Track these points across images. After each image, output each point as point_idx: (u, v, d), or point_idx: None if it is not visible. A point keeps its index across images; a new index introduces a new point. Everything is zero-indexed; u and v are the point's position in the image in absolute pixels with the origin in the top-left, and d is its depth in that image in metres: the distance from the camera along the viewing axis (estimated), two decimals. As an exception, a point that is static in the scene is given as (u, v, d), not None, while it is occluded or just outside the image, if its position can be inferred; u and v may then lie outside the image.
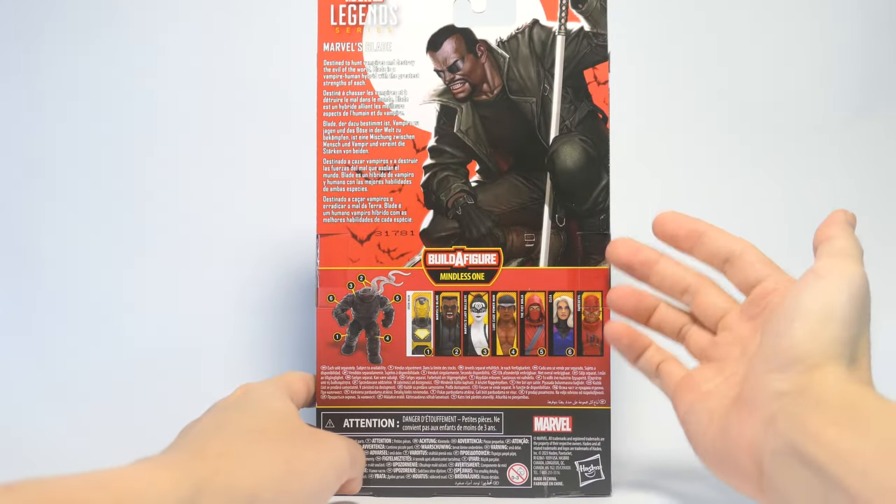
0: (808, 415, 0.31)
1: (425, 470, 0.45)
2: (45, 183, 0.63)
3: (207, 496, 0.30)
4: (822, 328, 0.33)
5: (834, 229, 0.36)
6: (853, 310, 0.33)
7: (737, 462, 0.34)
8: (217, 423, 0.37)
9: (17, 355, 0.61)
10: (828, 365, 0.32)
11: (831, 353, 0.33)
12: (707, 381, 0.39)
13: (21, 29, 0.63)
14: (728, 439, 0.35)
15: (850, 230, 0.37)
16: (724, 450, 0.35)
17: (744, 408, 0.35)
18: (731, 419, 0.35)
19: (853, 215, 0.38)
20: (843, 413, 0.31)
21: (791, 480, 0.31)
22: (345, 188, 0.45)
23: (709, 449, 0.37)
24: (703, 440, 0.37)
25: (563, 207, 0.45)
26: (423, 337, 0.45)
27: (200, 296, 0.62)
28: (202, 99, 0.63)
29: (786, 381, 0.33)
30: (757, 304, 0.38)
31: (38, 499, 0.26)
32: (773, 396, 0.33)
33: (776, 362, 0.33)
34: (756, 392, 0.34)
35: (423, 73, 0.45)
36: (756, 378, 0.34)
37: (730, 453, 0.35)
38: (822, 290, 0.34)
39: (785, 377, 0.33)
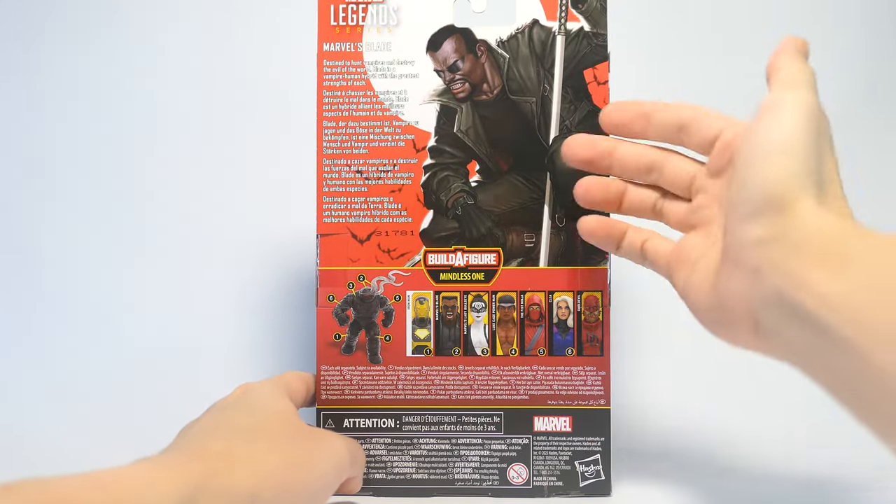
0: (791, 260, 0.30)
1: (425, 470, 0.45)
2: (45, 183, 0.63)
3: (207, 496, 0.30)
4: (781, 163, 0.31)
5: (782, 59, 0.35)
6: (809, 137, 0.32)
7: (733, 319, 0.34)
8: (216, 422, 0.37)
9: (17, 355, 0.61)
10: (798, 200, 0.31)
11: (798, 186, 0.31)
12: (697, 247, 0.38)
13: (21, 29, 0.63)
14: (721, 298, 0.34)
15: (801, 57, 0.35)
16: (719, 310, 0.34)
17: (729, 263, 0.34)
18: (720, 278, 0.34)
19: (804, 41, 0.36)
20: (825, 253, 0.29)
21: (785, 330, 0.30)
22: (345, 188, 0.45)
23: (706, 312, 0.36)
24: (701, 306, 0.36)
25: (563, 207, 0.45)
26: (423, 337, 0.45)
27: (200, 296, 0.62)
28: (202, 99, 0.63)
29: (760, 226, 0.31)
30: (721, 157, 0.37)
31: (37, 499, 0.26)
32: (752, 245, 0.32)
33: (746, 209, 0.32)
34: (735, 245, 0.33)
35: (423, 73, 0.45)
36: (732, 230, 0.33)
37: (725, 312, 0.34)
38: (773, 124, 0.32)
39: (759, 223, 0.31)
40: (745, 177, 0.32)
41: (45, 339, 0.61)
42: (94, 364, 0.60)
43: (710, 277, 0.35)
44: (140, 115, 0.63)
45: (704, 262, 0.36)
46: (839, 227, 0.30)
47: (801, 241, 0.30)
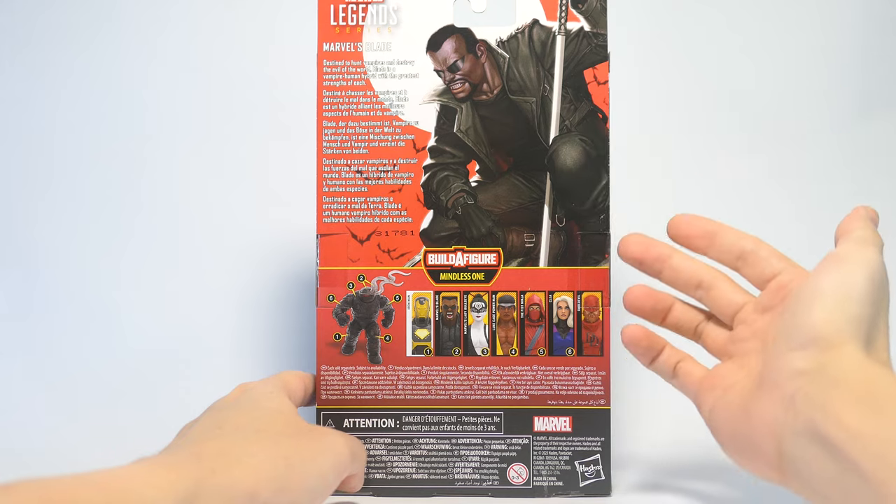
0: (827, 395, 0.31)
1: (425, 470, 0.45)
2: (44, 184, 0.63)
3: (206, 496, 0.30)
4: (841, 308, 0.33)
5: (855, 223, 0.37)
6: (871, 291, 0.33)
7: (758, 447, 0.35)
8: (215, 422, 0.37)
9: (17, 356, 0.61)
10: (846, 344, 0.32)
11: (849, 332, 0.33)
12: (729, 377, 0.39)
13: (21, 29, 0.63)
14: (749, 424, 0.35)
15: (872, 225, 0.37)
16: (745, 436, 0.36)
17: (764, 389, 0.35)
18: (752, 404, 0.35)
19: (875, 211, 0.38)
20: (862, 394, 0.31)
21: (809, 461, 0.32)
22: (345, 188, 0.45)
23: (731, 437, 0.37)
24: (726, 430, 0.37)
25: (563, 207, 0.45)
26: (423, 337, 0.45)
27: (200, 296, 0.62)
28: (202, 99, 0.63)
29: (804, 359, 0.33)
30: (774, 296, 0.38)
31: (36, 499, 0.26)
32: (792, 375, 0.33)
33: (795, 342, 0.34)
34: (775, 372, 0.34)
35: (423, 73, 0.45)
36: (775, 358, 0.35)
37: (751, 439, 0.35)
38: (840, 272, 0.34)
39: (803, 355, 0.33)
40: (799, 312, 0.34)
41: (44, 340, 0.61)
42: (93, 364, 0.60)
43: (739, 404, 0.36)
44: (140, 115, 0.63)
45: (735, 391, 0.37)
46: (877, 373, 0.32)
47: (840, 379, 0.32)
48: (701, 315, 0.42)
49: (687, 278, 0.41)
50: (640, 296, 0.42)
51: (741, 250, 0.40)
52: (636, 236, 0.42)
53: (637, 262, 0.42)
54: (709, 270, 0.41)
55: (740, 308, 0.40)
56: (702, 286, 0.41)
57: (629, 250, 0.42)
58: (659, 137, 0.63)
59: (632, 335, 0.42)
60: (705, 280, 0.41)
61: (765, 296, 0.39)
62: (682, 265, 0.41)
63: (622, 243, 0.42)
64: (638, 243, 0.42)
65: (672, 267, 0.41)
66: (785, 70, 0.64)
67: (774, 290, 0.38)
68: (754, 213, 0.63)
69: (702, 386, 0.40)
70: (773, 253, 0.39)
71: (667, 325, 0.43)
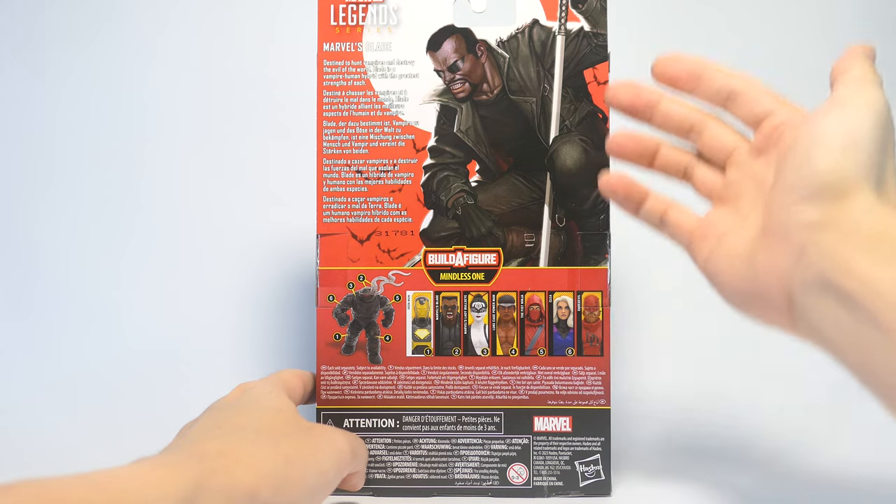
0: (839, 244, 0.30)
1: (425, 470, 0.45)
2: (44, 184, 0.63)
3: (206, 495, 0.30)
4: (848, 155, 0.32)
5: (851, 61, 0.35)
6: (878, 134, 0.32)
7: (766, 297, 0.34)
8: (215, 422, 0.37)
9: (17, 356, 0.61)
10: (856, 192, 0.31)
11: (858, 178, 0.31)
12: (722, 223, 0.37)
13: (21, 29, 0.63)
14: (756, 275, 0.34)
15: (869, 62, 0.36)
16: (752, 287, 0.34)
17: (772, 240, 0.34)
18: (758, 254, 0.34)
19: (872, 48, 0.37)
20: (875, 242, 0.30)
21: (822, 312, 0.31)
22: (345, 188, 0.45)
23: (736, 289, 0.36)
24: (730, 281, 0.36)
25: (563, 207, 0.45)
26: (423, 337, 0.45)
27: (201, 296, 0.62)
28: (202, 99, 0.63)
29: (814, 210, 0.32)
30: (767, 138, 0.37)
31: (36, 499, 0.26)
32: (801, 227, 0.32)
33: (802, 192, 0.32)
34: (783, 224, 0.33)
35: (423, 73, 0.45)
36: (782, 210, 0.33)
37: (759, 289, 0.34)
38: (844, 117, 0.33)
39: (813, 207, 0.32)
40: (805, 160, 0.33)
41: (44, 340, 0.61)
42: (93, 364, 0.60)
43: (740, 254, 0.35)
44: (140, 116, 0.63)
45: (732, 240, 0.36)
46: (890, 219, 0.31)
47: (853, 228, 0.31)
48: (690, 156, 0.40)
49: (678, 122, 0.40)
50: (623, 139, 0.40)
51: (730, 90, 0.38)
52: (625, 83, 0.40)
53: (626, 109, 0.40)
54: (700, 113, 0.40)
55: (733, 150, 0.39)
56: (693, 129, 0.40)
57: (618, 96, 0.40)
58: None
59: (608, 182, 0.40)
60: (697, 123, 0.40)
61: (758, 137, 0.37)
62: (671, 109, 0.40)
63: (610, 90, 0.40)
64: (627, 89, 0.40)
65: (662, 112, 0.40)
66: (785, 70, 0.64)
67: (768, 131, 0.37)
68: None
69: (694, 235, 0.39)
70: (763, 91, 0.38)
71: (655, 168, 0.41)
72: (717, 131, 0.39)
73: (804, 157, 0.33)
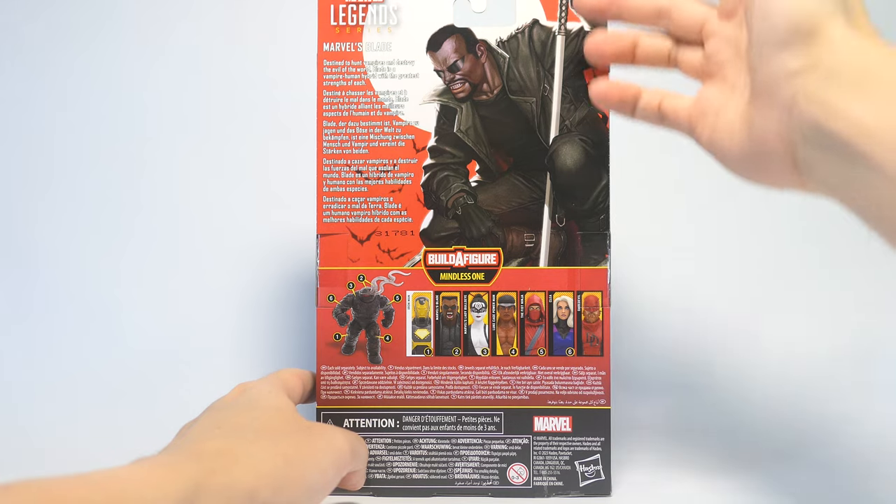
0: (827, 88, 0.30)
1: (425, 470, 0.45)
2: (44, 184, 0.63)
3: (206, 495, 0.30)
4: None
5: None
6: None
7: (770, 160, 0.33)
8: (215, 422, 0.37)
9: (17, 356, 0.61)
10: (828, 25, 0.31)
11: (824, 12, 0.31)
12: (716, 98, 0.37)
13: (21, 29, 0.63)
14: (756, 140, 0.34)
15: None
16: (755, 153, 0.34)
17: (762, 100, 0.33)
18: (753, 118, 0.34)
19: None
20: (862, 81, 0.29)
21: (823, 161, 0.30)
22: (345, 188, 0.45)
23: (741, 159, 0.35)
24: (733, 153, 0.36)
25: (563, 207, 0.45)
26: (423, 337, 0.45)
27: (201, 296, 0.62)
28: (202, 99, 0.63)
29: (792, 57, 0.31)
30: None
31: (37, 499, 0.26)
32: (786, 76, 0.31)
33: (775, 42, 0.32)
34: (767, 80, 0.32)
35: (423, 73, 0.45)
36: (762, 65, 0.33)
37: (761, 153, 0.34)
38: None
39: (790, 54, 0.31)
40: (768, 9, 0.32)
41: (44, 340, 0.61)
42: (93, 364, 0.60)
43: (738, 123, 0.35)
44: (140, 116, 0.63)
45: (729, 110, 0.36)
46: (870, 49, 0.30)
47: (835, 68, 0.30)
48: (668, 41, 0.40)
49: (646, 11, 0.40)
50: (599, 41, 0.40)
51: None
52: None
53: (593, 12, 0.41)
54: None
55: (704, 21, 0.38)
56: (662, 13, 0.40)
57: (584, 4, 0.41)
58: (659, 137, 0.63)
59: (598, 90, 0.40)
60: (662, 6, 0.39)
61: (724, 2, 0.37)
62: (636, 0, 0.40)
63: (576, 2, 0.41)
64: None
65: (628, 4, 0.40)
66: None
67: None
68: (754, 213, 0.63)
69: (692, 115, 0.38)
70: None
71: (638, 61, 0.41)
72: (684, 8, 0.39)
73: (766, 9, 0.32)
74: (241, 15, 0.63)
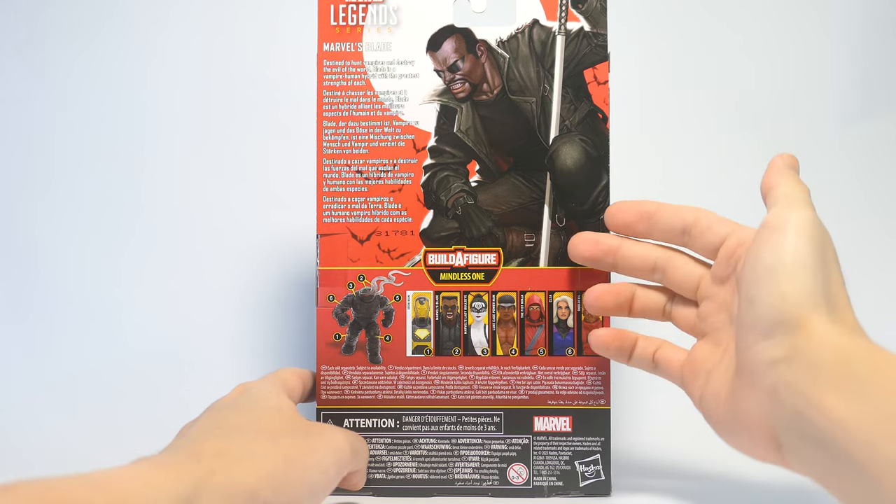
0: (807, 381, 0.30)
1: (425, 470, 0.45)
2: (44, 184, 0.63)
3: (206, 495, 0.30)
4: (792, 283, 0.32)
5: (775, 177, 0.36)
6: (816, 255, 0.32)
7: (754, 436, 0.34)
8: (215, 422, 0.37)
9: (17, 356, 0.61)
10: (810, 319, 0.31)
11: (809, 305, 0.31)
12: (708, 359, 0.38)
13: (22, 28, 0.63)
14: (740, 415, 0.34)
15: (793, 174, 0.36)
16: (738, 428, 0.35)
17: (744, 383, 0.34)
18: (737, 395, 0.34)
19: (793, 157, 0.37)
20: (840, 375, 0.29)
21: (805, 451, 0.31)
22: (345, 188, 0.45)
23: (726, 426, 0.36)
24: (719, 419, 0.36)
25: (563, 207, 0.45)
26: (423, 337, 0.45)
27: (201, 296, 0.62)
28: (202, 99, 0.63)
29: (775, 347, 0.32)
30: (726, 265, 0.37)
31: (36, 499, 0.26)
32: (768, 366, 0.32)
33: (759, 330, 0.32)
34: (750, 365, 0.33)
35: (423, 73, 0.45)
36: (745, 350, 0.33)
37: (746, 429, 0.34)
38: (779, 244, 0.33)
39: (773, 343, 0.32)
40: (754, 297, 0.33)
41: (44, 340, 0.61)
42: (94, 364, 0.60)
43: (726, 394, 0.36)
44: (140, 116, 0.63)
45: (718, 375, 0.37)
46: (851, 345, 0.31)
47: (816, 362, 0.30)
48: (664, 296, 0.41)
49: (641, 265, 0.41)
50: (600, 294, 0.42)
51: (683, 224, 0.39)
52: (583, 235, 0.42)
53: (590, 261, 0.42)
54: (660, 252, 0.41)
55: (699, 281, 0.39)
56: (657, 269, 0.40)
57: (578, 251, 0.42)
58: (659, 137, 0.63)
59: (600, 340, 0.41)
60: (658, 262, 0.40)
61: (717, 266, 0.38)
62: (632, 253, 0.41)
63: (571, 246, 0.42)
64: (585, 241, 0.42)
65: (623, 257, 0.41)
66: (785, 70, 0.64)
67: (725, 258, 0.37)
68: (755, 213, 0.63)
69: (684, 372, 0.39)
70: (715, 219, 0.38)
71: (634, 314, 0.42)
72: (680, 267, 0.40)
73: (752, 293, 0.33)
74: (241, 15, 0.63)
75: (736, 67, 0.64)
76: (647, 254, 0.41)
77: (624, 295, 0.42)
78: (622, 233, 0.41)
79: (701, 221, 0.38)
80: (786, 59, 0.64)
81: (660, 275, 0.41)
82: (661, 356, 0.41)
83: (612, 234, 0.42)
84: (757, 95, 0.64)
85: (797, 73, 0.64)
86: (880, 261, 0.63)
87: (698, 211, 0.39)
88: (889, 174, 0.65)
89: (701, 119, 0.64)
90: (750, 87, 0.64)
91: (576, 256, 0.42)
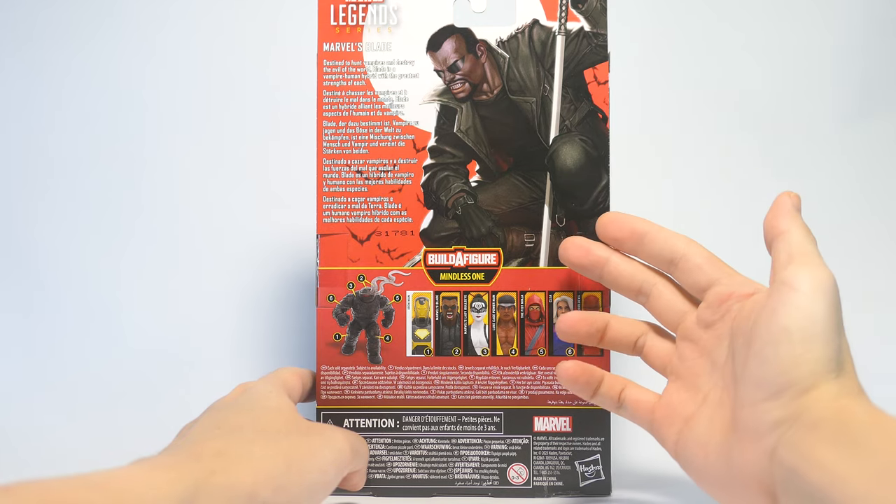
0: (807, 440, 0.30)
1: (425, 470, 0.45)
2: (44, 184, 0.63)
3: (206, 496, 0.30)
4: (808, 348, 0.32)
5: (784, 221, 0.35)
6: (833, 321, 0.32)
7: (748, 493, 0.33)
8: (215, 422, 0.37)
9: (17, 356, 0.61)
10: (821, 385, 0.31)
11: (821, 371, 0.32)
12: (685, 405, 0.38)
13: (21, 27, 0.63)
14: (734, 472, 0.34)
15: (801, 219, 0.35)
16: (731, 483, 0.34)
17: (744, 439, 0.33)
18: (732, 452, 0.34)
19: (798, 196, 0.36)
20: (839, 433, 0.30)
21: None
22: (345, 188, 0.45)
23: (714, 482, 0.36)
24: (705, 473, 0.36)
25: (563, 207, 0.45)
26: (423, 337, 0.45)
27: (201, 296, 0.62)
28: (202, 99, 0.63)
29: (781, 408, 0.32)
30: (715, 311, 0.37)
31: (36, 499, 0.26)
32: (770, 426, 0.32)
33: (767, 390, 0.32)
34: (752, 423, 0.33)
35: (423, 73, 0.45)
36: (749, 408, 0.33)
37: (738, 486, 0.34)
38: (797, 306, 0.32)
39: (779, 404, 0.32)
40: (768, 357, 0.32)
41: (44, 340, 0.61)
42: (94, 364, 0.60)
43: (714, 445, 0.35)
44: (139, 115, 0.63)
45: (701, 424, 0.36)
46: (852, 408, 0.31)
47: (817, 421, 0.30)
48: (639, 328, 0.41)
49: (626, 284, 0.40)
50: (571, 323, 0.41)
51: (672, 254, 0.38)
52: (575, 240, 0.41)
53: (577, 268, 0.42)
54: (648, 275, 0.40)
55: (682, 318, 0.39)
56: (642, 292, 0.40)
57: (568, 254, 0.41)
58: (659, 137, 0.63)
59: (568, 373, 0.40)
60: (644, 286, 0.40)
61: (705, 310, 0.37)
62: (618, 270, 0.40)
63: (562, 248, 0.42)
64: (577, 248, 0.41)
65: (610, 272, 0.41)
66: (785, 70, 0.64)
67: (715, 304, 0.37)
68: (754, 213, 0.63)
69: (656, 416, 0.39)
70: (705, 259, 0.38)
71: (604, 345, 0.42)
72: (665, 296, 0.40)
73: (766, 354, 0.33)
74: (241, 15, 0.63)
75: (736, 67, 0.64)
76: (634, 275, 0.40)
77: (597, 325, 0.41)
78: (610, 245, 0.41)
79: (690, 258, 0.38)
80: (786, 59, 0.64)
81: (643, 298, 0.40)
82: (628, 396, 0.40)
83: (603, 245, 0.41)
84: (757, 95, 0.64)
85: (797, 73, 0.64)
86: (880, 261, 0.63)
87: (690, 244, 0.38)
88: (889, 174, 0.65)
89: (701, 119, 0.64)
90: (750, 87, 0.64)
91: (565, 260, 0.42)
